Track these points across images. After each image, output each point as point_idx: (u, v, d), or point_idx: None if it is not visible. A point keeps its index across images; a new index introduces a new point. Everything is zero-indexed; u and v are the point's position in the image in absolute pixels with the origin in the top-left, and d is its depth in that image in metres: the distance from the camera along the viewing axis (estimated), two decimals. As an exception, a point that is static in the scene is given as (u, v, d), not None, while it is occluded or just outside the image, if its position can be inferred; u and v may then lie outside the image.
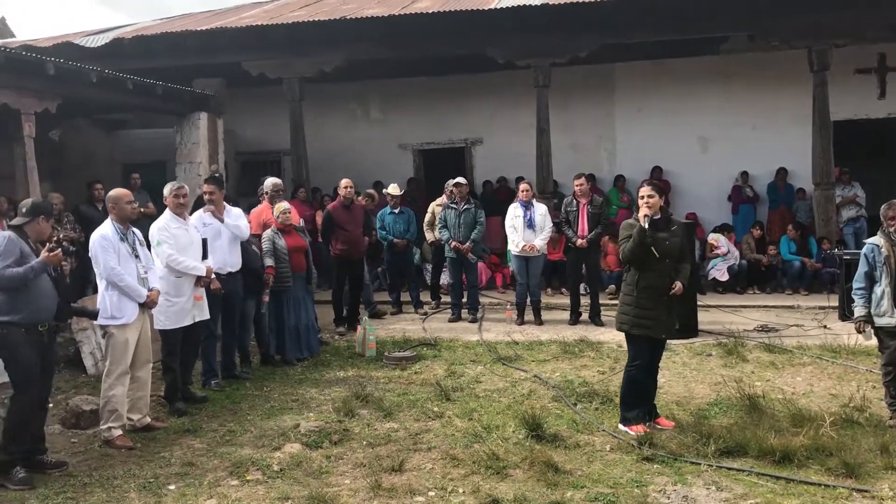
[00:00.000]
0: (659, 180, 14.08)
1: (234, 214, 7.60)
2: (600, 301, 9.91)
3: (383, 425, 6.25)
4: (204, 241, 6.96)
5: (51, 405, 6.80)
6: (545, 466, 5.18)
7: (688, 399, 6.73)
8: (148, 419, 6.31)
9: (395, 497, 4.89)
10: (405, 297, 11.01)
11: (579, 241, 9.56)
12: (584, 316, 9.85)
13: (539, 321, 9.83)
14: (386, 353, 8.29)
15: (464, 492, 4.91)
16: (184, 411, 6.66)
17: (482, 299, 10.88)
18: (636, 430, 5.73)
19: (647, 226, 5.72)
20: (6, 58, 8.49)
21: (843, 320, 9.37)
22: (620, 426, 5.91)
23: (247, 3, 15.64)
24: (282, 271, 8.27)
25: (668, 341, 8.23)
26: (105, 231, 6.04)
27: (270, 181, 9.05)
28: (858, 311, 6.16)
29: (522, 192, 9.84)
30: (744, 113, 14.09)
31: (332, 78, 14.01)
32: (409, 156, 15.55)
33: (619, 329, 6.07)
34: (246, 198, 12.13)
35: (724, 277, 11.68)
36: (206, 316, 7.00)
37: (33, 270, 5.35)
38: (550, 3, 11.49)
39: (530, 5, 11.53)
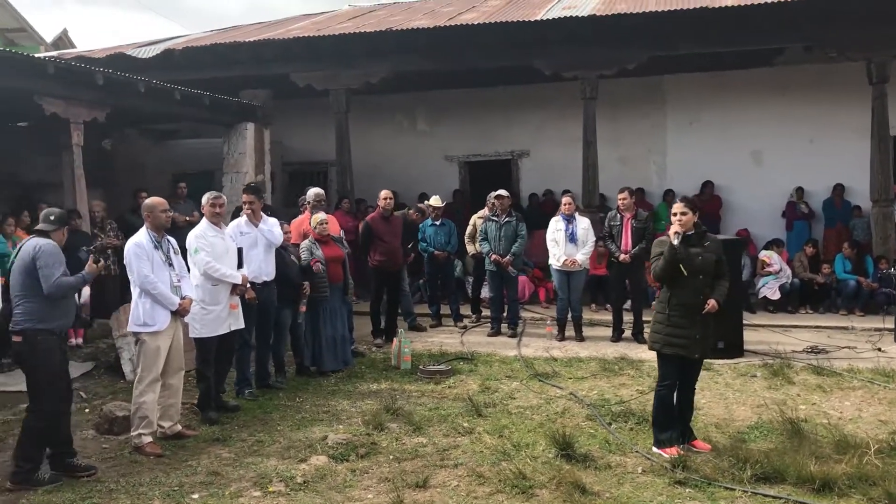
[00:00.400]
0: (710, 196, 13.89)
1: (270, 223, 7.60)
2: (644, 318, 9.66)
3: (412, 440, 6.16)
4: (239, 250, 6.98)
5: (87, 410, 6.93)
6: (572, 487, 5.04)
7: (728, 421, 6.50)
8: (179, 427, 6.33)
9: (415, 514, 4.79)
10: (445, 310, 10.91)
11: (622, 257, 9.37)
12: (627, 333, 9.63)
13: (580, 337, 9.65)
14: (421, 367, 8.21)
15: (484, 510, 4.78)
16: (215, 420, 6.67)
17: (524, 314, 10.74)
18: (669, 453, 5.55)
19: (676, 243, 5.55)
20: (56, 68, 8.67)
21: (901, 343, 9.04)
22: (654, 448, 5.72)
23: (295, 16, 15.80)
24: (318, 281, 8.25)
25: (711, 361, 8.14)
26: (139, 239, 6.09)
27: (313, 191, 9.07)
28: None
29: (565, 205, 9.69)
30: (800, 126, 13.72)
31: (379, 90, 14.07)
32: (454, 168, 15.50)
33: (651, 348, 5.90)
34: (293, 208, 12.20)
35: (776, 296, 11.33)
36: (241, 325, 7.02)
37: (84, 280, 5.44)
38: (598, 14, 11.36)
39: (577, 17, 11.40)
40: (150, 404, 6.00)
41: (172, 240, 6.36)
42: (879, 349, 8.89)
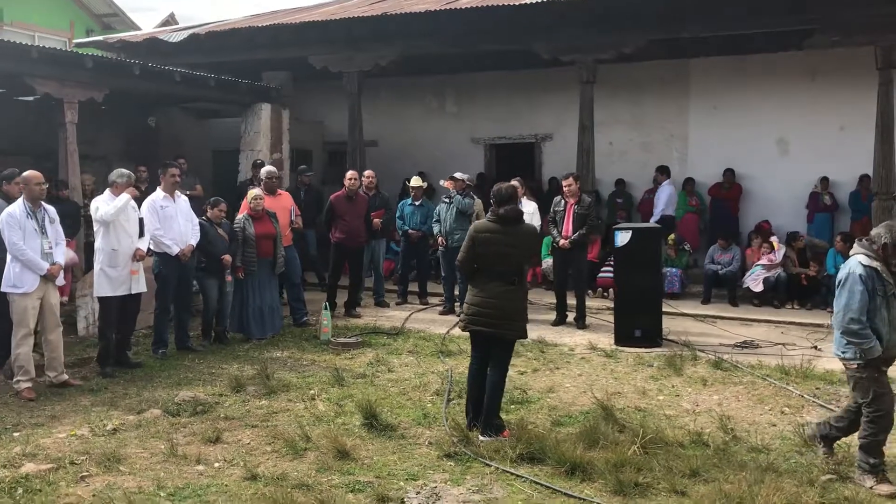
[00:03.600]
0: (730, 184, 13.45)
1: (183, 199, 8.26)
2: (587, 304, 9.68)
3: (255, 402, 6.62)
4: (140, 221, 7.61)
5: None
6: (337, 452, 5.34)
7: (567, 405, 6.56)
8: (65, 376, 7.05)
9: (182, 464, 5.25)
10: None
11: (561, 242, 9.39)
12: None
13: (525, 320, 9.73)
14: (332, 338, 8.62)
15: (246, 466, 5.17)
16: (110, 374, 7.38)
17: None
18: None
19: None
20: (39, 52, 9.59)
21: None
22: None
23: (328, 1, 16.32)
24: (248, 256, 8.80)
25: (619, 347, 8.14)
26: (13, 209, 6.81)
27: (265, 169, 9.63)
28: (875, 348, 4.94)
29: (513, 188, 9.76)
30: (829, 113, 12.99)
31: (394, 71, 14.39)
32: (480, 150, 15.67)
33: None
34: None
35: (759, 288, 10.92)
36: (143, 289, 7.69)
37: None
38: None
39: (572, 0, 11.33)
40: (25, 356, 6.76)
41: (50, 209, 7.06)
42: (816, 347, 8.52)
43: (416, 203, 11.16)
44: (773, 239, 11.45)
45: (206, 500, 4.71)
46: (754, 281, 11.03)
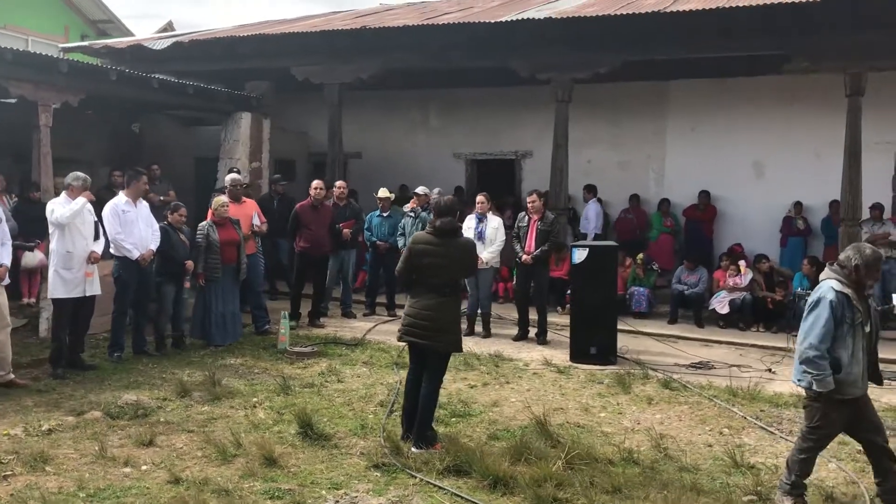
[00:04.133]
0: (705, 206, 13.51)
1: (144, 204, 8.33)
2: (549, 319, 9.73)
3: (199, 407, 6.65)
4: (95, 224, 7.68)
5: None
6: (265, 459, 5.37)
7: (507, 419, 6.59)
8: (10, 376, 7.10)
9: (110, 465, 5.30)
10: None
11: (524, 257, 9.44)
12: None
13: (486, 333, 9.80)
14: (288, 347, 8.66)
15: (171, 469, 5.20)
16: (61, 376, 7.43)
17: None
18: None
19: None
20: (14, 55, 9.68)
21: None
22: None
23: (334, 11, 16.48)
24: (212, 262, 8.86)
25: (574, 364, 8.19)
26: (-41, 210, 6.88)
27: (229, 177, 9.70)
28: (828, 382, 4.75)
29: (478, 204, 9.85)
30: (806, 139, 13.10)
31: (395, 85, 14.69)
32: (462, 164, 15.76)
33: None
34: None
35: (724, 310, 10.95)
36: (97, 291, 7.75)
37: None
38: (569, 16, 11.32)
39: (550, 18, 11.41)
40: (-24, 355, 6.81)
41: (-1, 211, 7.14)
42: (770, 370, 8.54)
43: (384, 214, 11.21)
44: (741, 263, 11.49)
45: (122, 501, 4.74)
46: (720, 303, 11.07)
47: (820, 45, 10.72)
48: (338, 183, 11.34)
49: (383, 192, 11.29)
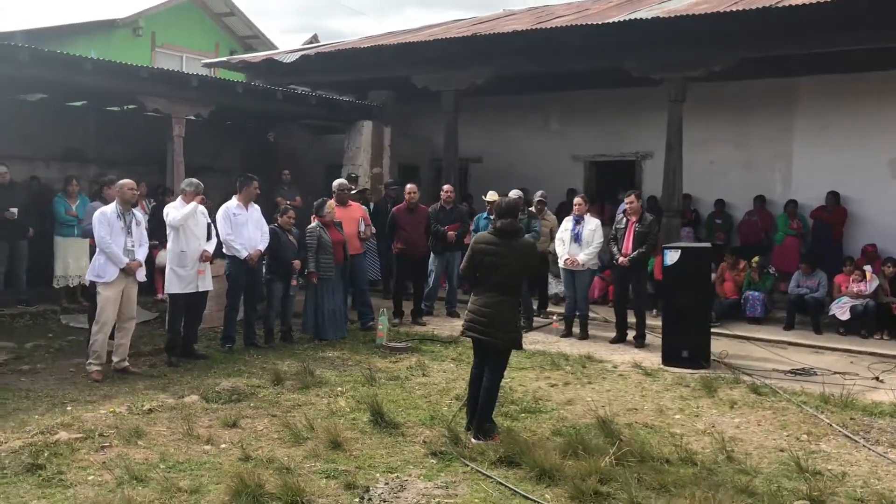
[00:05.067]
0: (834, 207, 12.92)
1: (256, 208, 8.96)
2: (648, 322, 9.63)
3: (288, 395, 7.14)
4: (208, 225, 8.36)
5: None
6: (329, 443, 5.75)
7: (577, 417, 6.66)
8: (125, 363, 7.84)
9: (193, 442, 5.83)
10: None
11: (621, 259, 9.41)
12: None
13: (584, 335, 9.84)
14: (385, 343, 9.05)
15: (245, 448, 5.66)
16: (175, 364, 8.13)
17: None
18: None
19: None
20: (149, 73, 10.66)
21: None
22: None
23: (456, 19, 16.90)
24: (325, 262, 9.40)
25: (665, 367, 8.14)
26: (105, 209, 7.70)
27: (337, 182, 10.25)
28: None
29: (576, 205, 9.91)
30: (948, 135, 12.29)
31: (513, 90, 14.98)
32: (580, 167, 15.76)
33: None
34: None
35: (845, 316, 10.43)
36: (209, 287, 8.43)
37: None
38: (678, 14, 11.17)
39: (658, 18, 11.33)
40: (100, 342, 7.60)
41: (139, 213, 7.91)
42: (877, 378, 8.13)
43: (493, 217, 11.37)
44: (867, 268, 10.91)
45: (195, 473, 5.22)
46: (840, 309, 10.56)
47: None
48: (445, 187, 11.65)
49: (491, 196, 11.49)
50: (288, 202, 12.50)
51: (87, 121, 12.93)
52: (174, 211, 8.14)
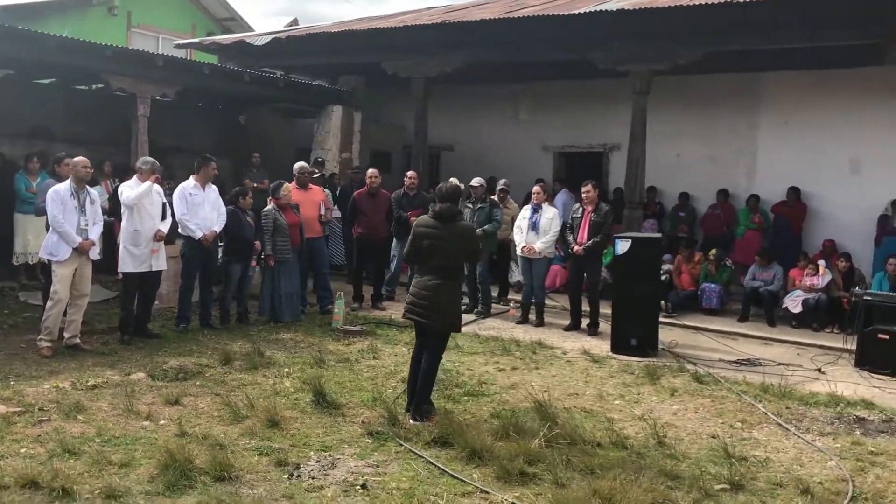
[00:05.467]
0: (794, 202, 13.08)
1: (213, 188, 8.99)
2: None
3: (235, 375, 7.20)
4: (164, 205, 8.39)
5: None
6: (268, 421, 5.82)
7: (518, 401, 6.75)
8: (76, 340, 7.87)
9: (132, 418, 5.88)
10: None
11: (576, 248, 9.51)
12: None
13: (539, 322, 9.95)
14: (339, 326, 9.12)
15: (183, 424, 5.73)
16: (127, 342, 8.17)
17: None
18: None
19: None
20: (113, 51, 10.63)
21: (860, 367, 8.40)
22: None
23: (424, 7, 16.91)
24: (281, 245, 9.44)
25: (613, 355, 8.26)
26: (58, 188, 7.70)
27: (298, 165, 10.29)
28: None
29: (534, 194, 10.00)
30: (910, 134, 12.45)
31: (486, 79, 15.04)
32: (550, 157, 15.86)
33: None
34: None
35: (797, 309, 10.61)
36: (163, 266, 8.47)
37: None
38: (642, 7, 11.25)
39: (623, 10, 11.40)
40: (53, 318, 7.62)
41: (93, 192, 7.93)
42: (819, 370, 8.29)
43: (477, 206, 11.31)
44: (820, 263, 11.08)
45: (129, 448, 5.29)
46: (793, 302, 10.73)
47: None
48: (409, 173, 11.67)
49: (477, 182, 11.50)
50: (255, 185, 12.57)
51: (55, 99, 12.86)
52: (128, 190, 8.16)
